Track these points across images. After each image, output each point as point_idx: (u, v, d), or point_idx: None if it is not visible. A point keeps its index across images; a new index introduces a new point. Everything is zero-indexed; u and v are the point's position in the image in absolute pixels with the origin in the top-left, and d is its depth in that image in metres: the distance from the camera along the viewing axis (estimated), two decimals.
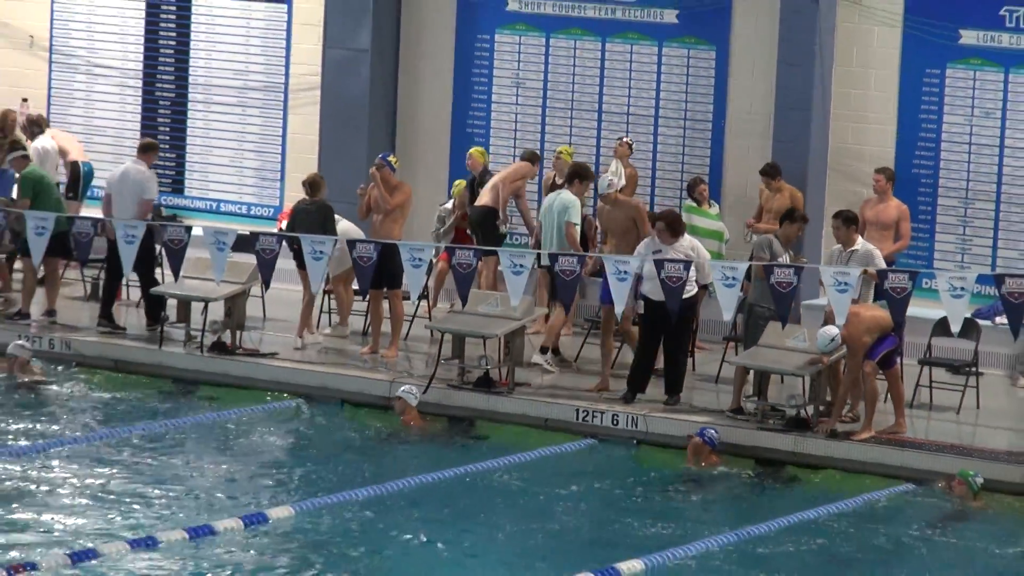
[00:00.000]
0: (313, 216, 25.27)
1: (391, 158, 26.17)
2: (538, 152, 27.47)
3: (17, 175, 27.05)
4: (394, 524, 19.56)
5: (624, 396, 23.53)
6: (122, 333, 25.74)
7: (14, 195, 27.09)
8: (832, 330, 21.79)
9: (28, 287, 26.54)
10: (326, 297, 26.82)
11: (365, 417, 23.51)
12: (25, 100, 30.47)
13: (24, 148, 27.23)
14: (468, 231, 26.89)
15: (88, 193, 29.29)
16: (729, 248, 26.07)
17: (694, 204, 25.90)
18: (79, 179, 29.09)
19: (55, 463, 21.00)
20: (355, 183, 26.75)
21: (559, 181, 26.17)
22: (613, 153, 27.16)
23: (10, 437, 21.88)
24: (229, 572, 17.69)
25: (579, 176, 25.26)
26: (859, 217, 24.62)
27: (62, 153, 28.74)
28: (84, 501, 19.74)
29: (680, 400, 23.46)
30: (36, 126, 29.38)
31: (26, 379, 24.00)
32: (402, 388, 23.27)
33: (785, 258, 23.49)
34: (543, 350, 25.26)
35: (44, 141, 28.70)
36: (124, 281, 27.42)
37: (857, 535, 20.27)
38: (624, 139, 27.41)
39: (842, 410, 22.40)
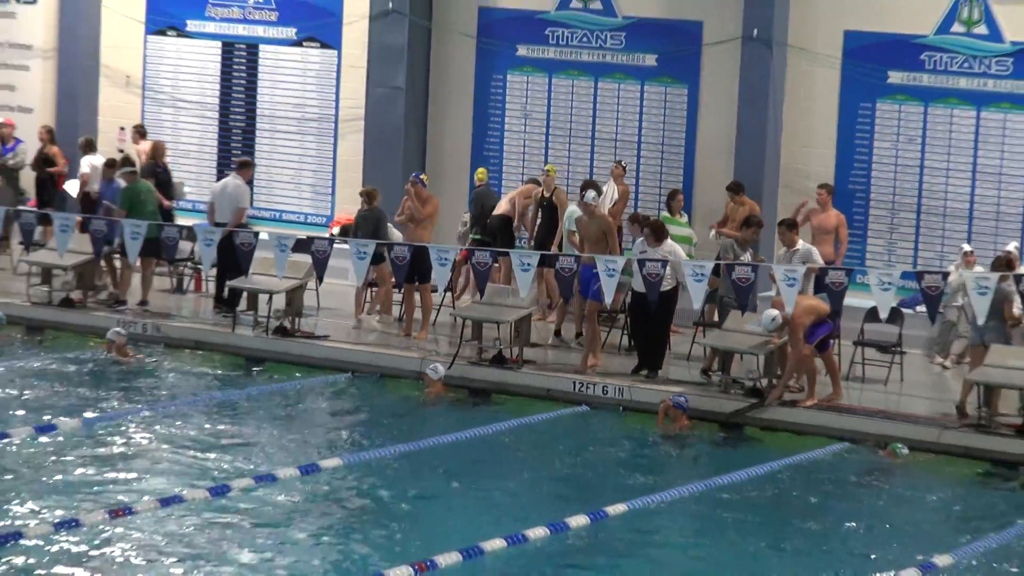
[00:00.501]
0: (369, 221, 25.39)
1: (423, 176, 26.23)
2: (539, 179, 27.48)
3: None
4: (423, 475, 19.62)
5: (636, 371, 23.66)
6: (233, 314, 25.72)
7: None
8: (773, 312, 21.88)
9: (125, 281, 26.58)
10: (368, 289, 26.84)
11: (400, 388, 23.53)
12: (122, 128, 30.49)
13: (134, 166, 27.22)
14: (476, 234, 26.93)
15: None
16: (697, 249, 26.01)
17: (668, 214, 25.85)
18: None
19: (146, 426, 21.02)
20: (393, 197, 26.73)
21: (546, 194, 26.19)
22: (610, 173, 27.09)
23: (110, 405, 21.91)
24: (289, 512, 17.74)
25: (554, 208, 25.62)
26: (801, 221, 24.80)
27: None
28: (171, 456, 19.79)
29: (659, 375, 23.48)
30: (45, 138, 29.60)
31: (122, 359, 24.02)
32: (430, 365, 23.33)
33: (745, 258, 23.55)
34: (557, 333, 25.45)
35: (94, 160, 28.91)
36: (204, 275, 27.47)
37: (802, 484, 20.31)
38: (619, 162, 27.39)
39: (787, 382, 22.41)
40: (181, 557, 16.23)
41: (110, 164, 27.66)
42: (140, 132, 29.78)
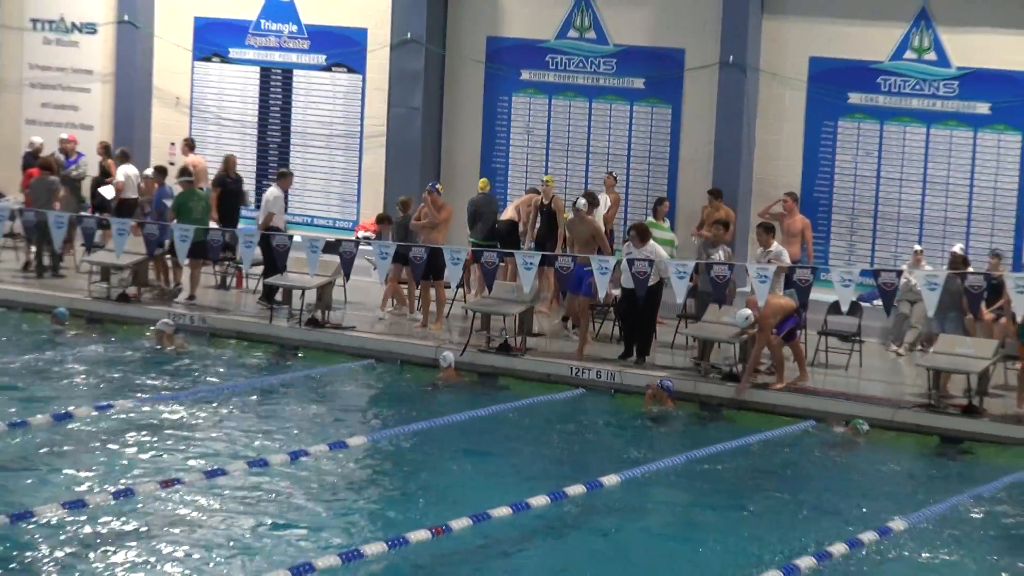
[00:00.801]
0: (403, 227, 25.51)
1: (438, 185, 26.27)
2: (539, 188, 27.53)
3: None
4: (438, 449, 19.70)
5: (623, 357, 23.68)
6: (271, 307, 25.78)
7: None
8: (746, 311, 21.95)
9: (176, 277, 26.66)
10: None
11: (417, 373, 23.57)
12: (173, 143, 30.55)
13: (191, 176, 27.37)
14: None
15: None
16: (678, 251, 26.04)
17: (653, 220, 25.89)
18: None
19: (192, 406, 21.06)
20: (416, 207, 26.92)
21: (545, 201, 26.23)
22: (602, 183, 27.17)
23: (160, 388, 21.98)
24: (319, 483, 17.81)
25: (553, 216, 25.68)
26: (767, 215, 24.96)
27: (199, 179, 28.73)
28: (214, 433, 19.86)
29: (646, 361, 23.53)
30: (102, 153, 29.72)
31: (171, 347, 24.09)
32: (443, 352, 23.40)
33: (718, 255, 23.60)
34: (564, 319, 25.54)
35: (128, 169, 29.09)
36: (244, 273, 27.52)
37: (772, 457, 20.40)
38: (611, 173, 27.43)
39: (755, 367, 22.46)
40: (224, 522, 16.32)
41: (160, 171, 27.76)
42: (189, 145, 29.87)
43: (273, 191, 26.87)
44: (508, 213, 26.94)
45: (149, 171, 28.78)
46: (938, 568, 16.25)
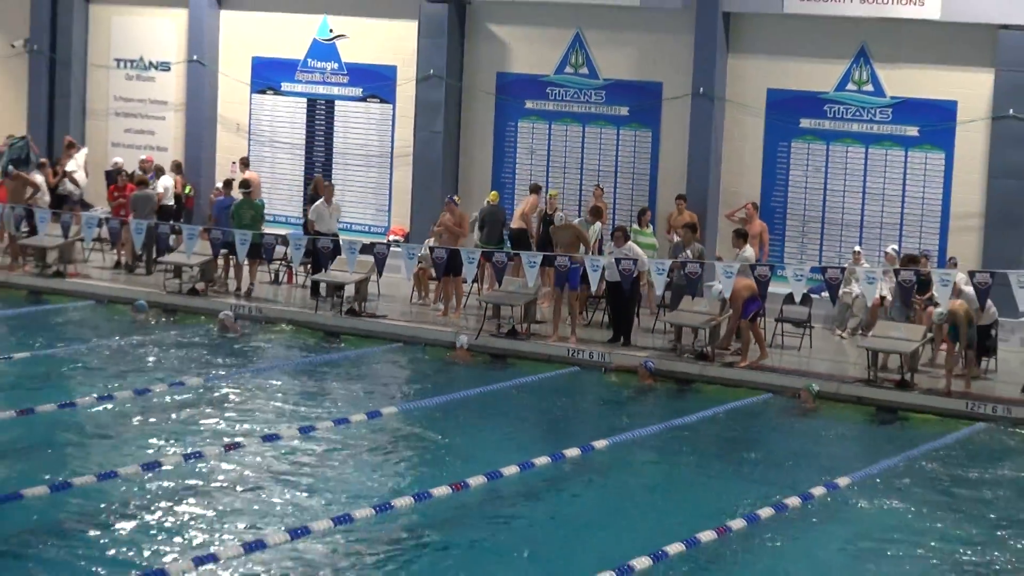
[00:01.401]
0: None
1: (456, 198, 26.23)
2: (540, 184, 27.51)
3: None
4: (453, 419, 19.65)
5: (612, 341, 23.60)
6: (323, 299, 25.59)
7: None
8: (718, 285, 21.96)
9: (237, 274, 26.64)
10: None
11: (438, 354, 23.48)
12: (234, 163, 30.48)
13: (249, 188, 27.34)
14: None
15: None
16: (657, 252, 25.93)
17: (638, 227, 25.78)
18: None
19: (250, 382, 21.06)
20: (432, 214, 26.82)
21: (549, 212, 26.16)
22: (592, 194, 27.09)
23: (223, 367, 21.95)
24: (357, 446, 17.77)
25: (595, 212, 25.54)
26: (730, 216, 24.93)
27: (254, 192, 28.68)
28: (269, 404, 19.84)
29: (630, 342, 23.47)
30: (174, 170, 29.76)
31: (230, 334, 24.03)
32: (460, 336, 23.32)
33: (687, 254, 23.57)
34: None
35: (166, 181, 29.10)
36: (294, 271, 27.48)
37: (737, 424, 20.35)
38: (599, 185, 27.37)
39: (732, 333, 22.44)
40: (277, 479, 16.29)
41: (226, 184, 27.73)
42: (244, 163, 29.85)
43: (319, 202, 26.87)
44: (517, 222, 26.85)
45: (169, 181, 28.90)
46: (877, 516, 16.25)
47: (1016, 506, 16.95)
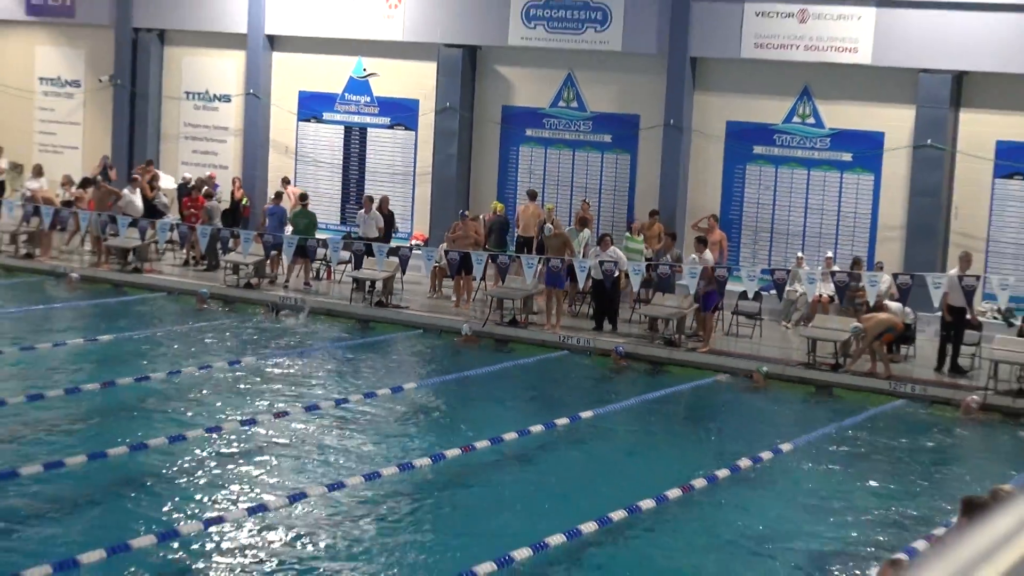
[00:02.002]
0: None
1: (467, 212, 26.28)
2: (536, 191, 27.54)
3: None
4: (463, 393, 19.71)
5: (596, 328, 23.61)
6: (357, 291, 25.45)
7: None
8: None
9: (288, 272, 26.67)
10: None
11: (451, 339, 23.51)
12: (283, 179, 30.52)
13: (306, 200, 27.62)
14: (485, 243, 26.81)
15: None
16: (639, 254, 25.93)
17: (630, 235, 25.72)
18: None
19: (294, 361, 21.07)
20: (450, 223, 26.82)
21: (546, 221, 26.16)
22: (580, 207, 27.10)
23: (272, 349, 21.99)
24: (384, 415, 17.81)
25: (583, 221, 25.52)
26: (695, 227, 24.87)
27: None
28: (311, 381, 19.86)
29: (616, 329, 23.49)
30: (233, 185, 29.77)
31: (277, 320, 24.05)
32: (464, 326, 23.34)
33: (668, 257, 23.64)
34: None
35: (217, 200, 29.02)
36: (332, 269, 27.49)
37: (698, 399, 20.38)
38: (585, 201, 27.39)
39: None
40: (317, 443, 16.33)
41: (277, 196, 27.81)
42: (285, 181, 29.78)
43: (360, 213, 27.07)
44: (521, 230, 26.88)
45: (271, 195, 29.02)
46: (814, 475, 16.31)
47: (928, 467, 17.03)
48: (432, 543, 13.17)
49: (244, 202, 29.65)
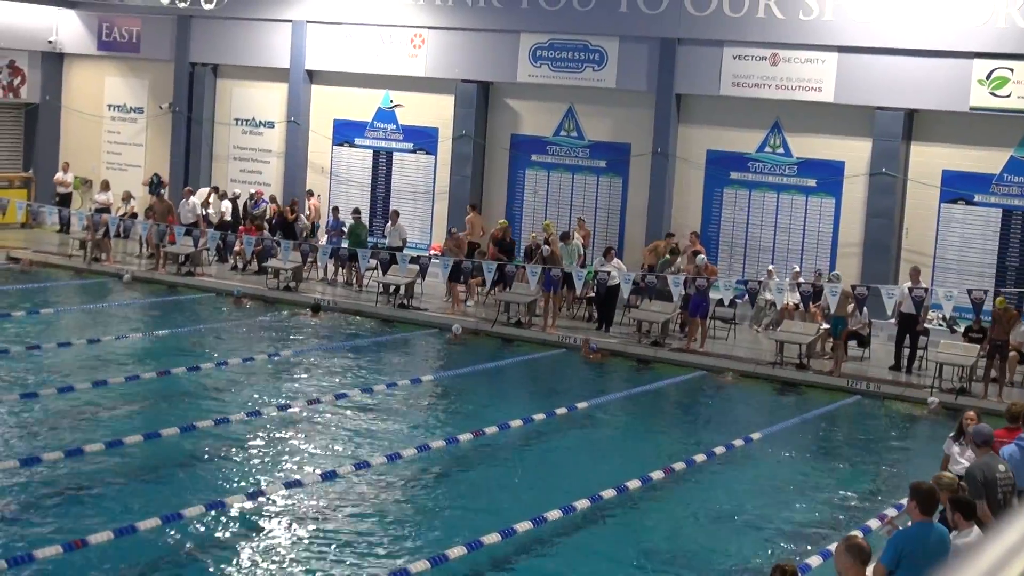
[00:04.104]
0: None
1: (454, 230, 26.43)
2: (476, 203, 27.41)
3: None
4: (474, 385, 19.64)
5: (598, 328, 23.54)
6: (384, 294, 25.36)
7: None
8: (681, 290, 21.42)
9: (334, 274, 26.64)
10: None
11: (463, 337, 23.35)
12: (318, 195, 30.45)
13: (359, 214, 27.70)
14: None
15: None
16: (629, 266, 25.83)
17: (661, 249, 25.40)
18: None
19: (326, 355, 21.02)
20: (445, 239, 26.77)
21: (545, 235, 25.90)
22: (577, 224, 27.05)
23: (307, 344, 21.94)
24: (404, 403, 17.75)
25: (564, 236, 25.42)
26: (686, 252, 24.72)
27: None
28: (339, 371, 19.79)
29: (609, 331, 23.43)
30: (272, 201, 29.69)
31: (314, 319, 24.03)
32: (455, 326, 23.13)
33: (672, 269, 23.61)
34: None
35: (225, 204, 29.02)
36: (361, 273, 27.38)
37: (679, 393, 20.28)
38: (580, 219, 27.33)
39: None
40: (347, 427, 16.29)
41: (335, 210, 27.97)
42: (310, 194, 29.78)
43: (387, 226, 27.12)
44: (469, 235, 26.90)
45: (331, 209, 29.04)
46: (779, 461, 16.23)
47: (880, 455, 16.95)
48: (447, 516, 13.12)
49: (302, 218, 29.51)
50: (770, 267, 24.93)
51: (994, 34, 23.23)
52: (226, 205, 29.89)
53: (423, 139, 29.84)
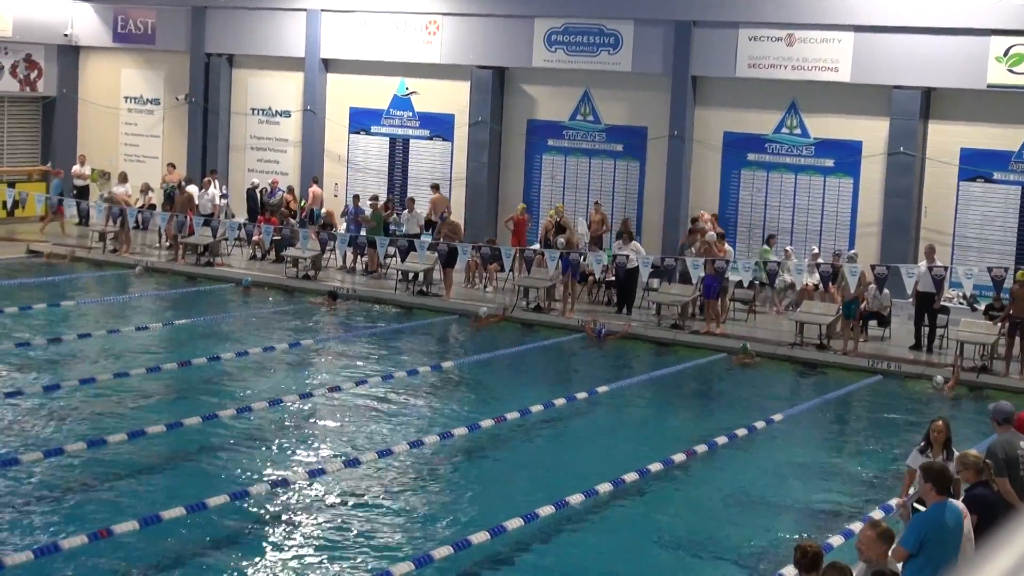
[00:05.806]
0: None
1: (446, 214, 26.45)
2: (438, 183, 27.40)
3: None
4: (495, 370, 19.65)
5: (617, 311, 23.54)
6: (401, 281, 25.44)
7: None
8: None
9: (353, 262, 26.66)
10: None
11: (491, 319, 23.43)
12: (336, 183, 30.47)
13: (377, 200, 27.74)
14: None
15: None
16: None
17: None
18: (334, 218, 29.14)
19: (346, 342, 21.06)
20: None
21: (558, 219, 25.72)
22: (594, 208, 27.02)
23: (326, 332, 21.99)
24: (424, 388, 17.76)
25: (563, 230, 25.23)
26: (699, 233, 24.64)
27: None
28: (359, 359, 19.81)
29: (631, 312, 23.40)
30: (288, 191, 29.65)
31: (325, 309, 24.07)
32: (481, 308, 23.25)
33: (692, 250, 23.49)
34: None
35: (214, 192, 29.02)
36: (379, 261, 27.43)
37: (699, 375, 20.26)
38: (597, 203, 27.29)
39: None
40: (368, 414, 16.32)
41: (355, 198, 27.94)
42: (315, 180, 29.85)
43: (404, 213, 27.09)
44: (428, 214, 27.29)
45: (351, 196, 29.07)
46: (802, 441, 16.21)
47: (899, 434, 16.88)
48: (469, 501, 13.14)
49: (302, 204, 29.65)
50: (788, 248, 24.82)
51: (1011, 11, 23.07)
52: (212, 192, 29.78)
53: (439, 126, 29.82)
